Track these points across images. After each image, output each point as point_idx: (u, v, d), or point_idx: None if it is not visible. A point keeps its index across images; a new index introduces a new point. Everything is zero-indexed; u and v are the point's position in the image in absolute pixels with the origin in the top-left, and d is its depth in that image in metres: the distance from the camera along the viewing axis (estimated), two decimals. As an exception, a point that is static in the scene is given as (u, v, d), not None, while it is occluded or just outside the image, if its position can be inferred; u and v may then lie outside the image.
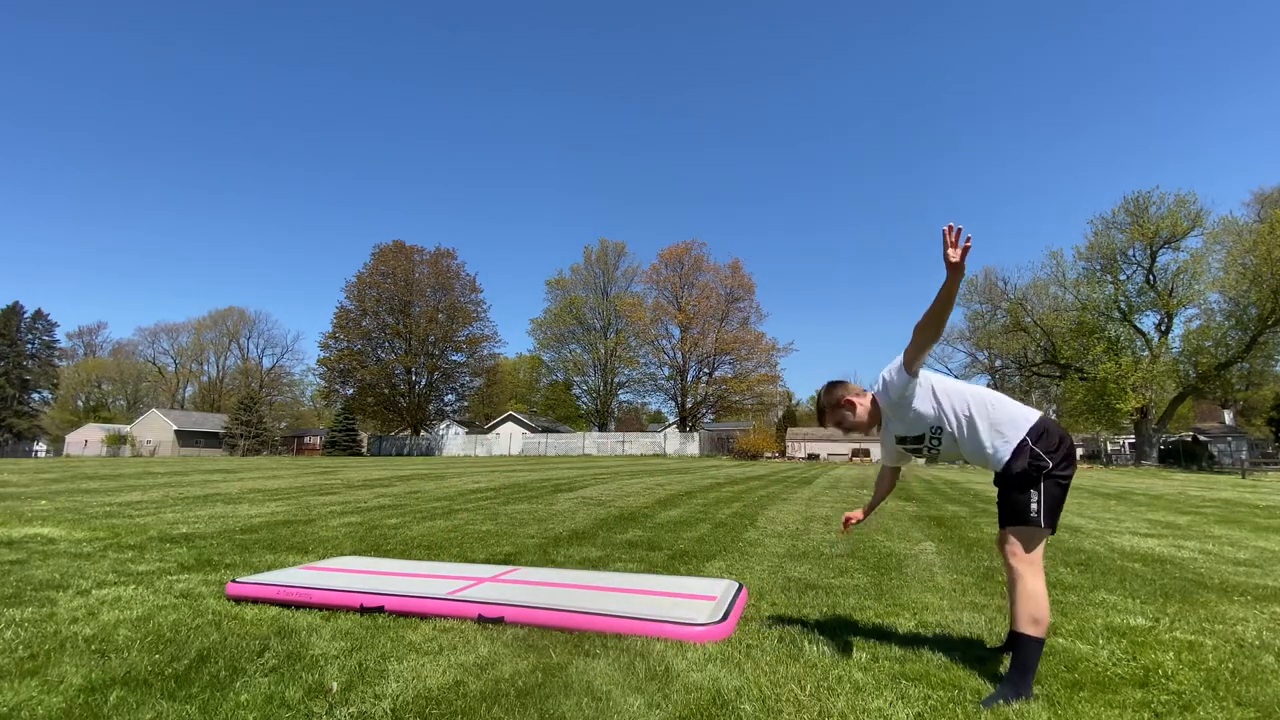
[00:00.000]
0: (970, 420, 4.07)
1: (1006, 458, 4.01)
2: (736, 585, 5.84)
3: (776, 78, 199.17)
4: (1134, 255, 61.30)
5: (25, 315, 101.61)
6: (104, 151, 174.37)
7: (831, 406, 4.44)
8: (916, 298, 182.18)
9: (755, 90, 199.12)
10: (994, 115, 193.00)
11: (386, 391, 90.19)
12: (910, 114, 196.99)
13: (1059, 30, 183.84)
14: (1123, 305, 61.49)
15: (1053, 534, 4.05)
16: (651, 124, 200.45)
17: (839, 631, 4.89)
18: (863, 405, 4.36)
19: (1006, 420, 4.07)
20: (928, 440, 4.25)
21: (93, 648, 4.40)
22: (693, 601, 5.27)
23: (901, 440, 4.38)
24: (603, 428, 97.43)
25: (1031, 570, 3.88)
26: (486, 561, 7.68)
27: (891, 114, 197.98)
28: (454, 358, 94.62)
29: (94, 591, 5.97)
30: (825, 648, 4.47)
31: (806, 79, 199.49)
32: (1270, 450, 68.14)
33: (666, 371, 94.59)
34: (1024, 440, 3.99)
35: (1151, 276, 60.17)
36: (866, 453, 72.79)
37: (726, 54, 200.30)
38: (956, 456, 4.29)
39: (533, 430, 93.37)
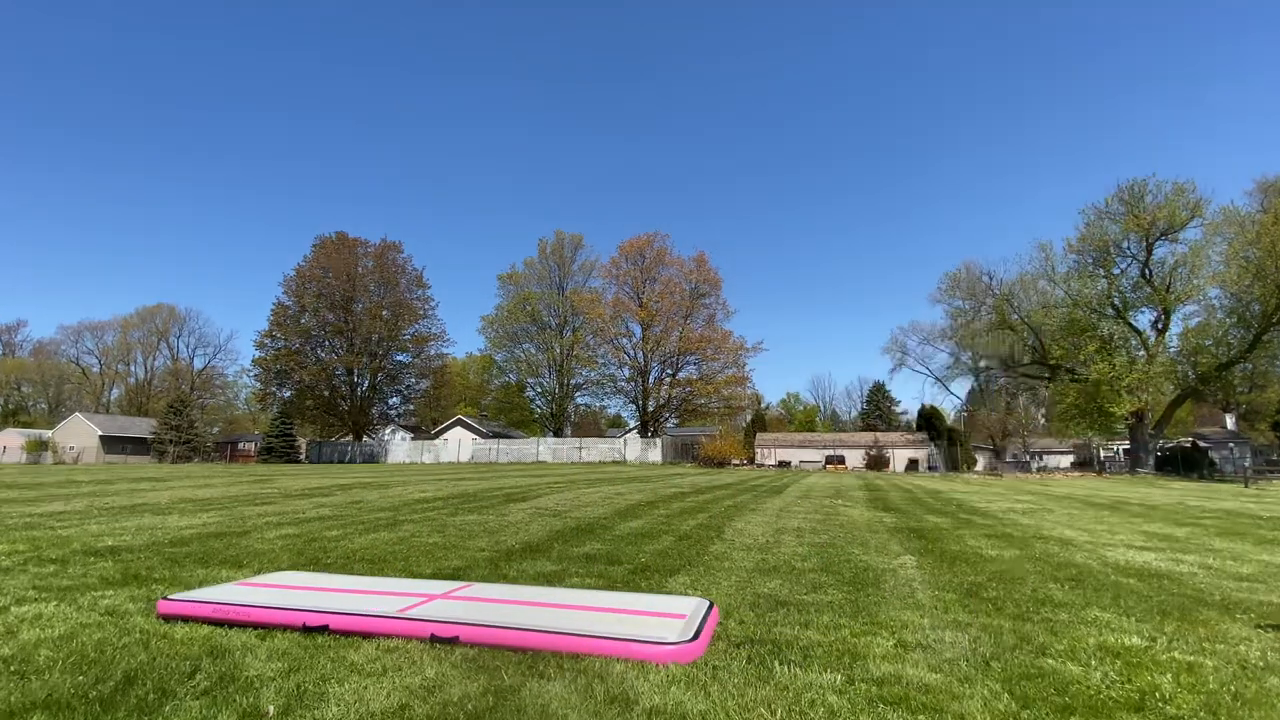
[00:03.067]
0: None
1: None
2: (707, 603, 5.85)
3: (744, 62, 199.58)
4: (1129, 248, 61.67)
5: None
6: (21, 136, 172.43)
7: None
8: (891, 294, 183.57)
9: (721, 75, 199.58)
10: (976, 97, 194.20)
11: (326, 394, 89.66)
12: (885, 96, 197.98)
13: (1048, 4, 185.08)
14: (1117, 301, 61.81)
15: None
16: (611, 109, 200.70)
17: (812, 652, 4.93)
18: None
19: None
20: None
21: (11, 669, 4.38)
22: (661, 620, 5.29)
23: None
24: (558, 433, 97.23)
25: None
26: (433, 576, 7.68)
27: (865, 97, 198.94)
28: (399, 358, 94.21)
29: (13, 609, 5.93)
30: (797, 669, 4.51)
31: (776, 62, 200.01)
32: (1275, 457, 68.57)
33: (627, 372, 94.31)
34: None
35: (1147, 270, 60.54)
36: (841, 460, 73.03)
37: (691, 36, 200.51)
38: None
39: (483, 435, 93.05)
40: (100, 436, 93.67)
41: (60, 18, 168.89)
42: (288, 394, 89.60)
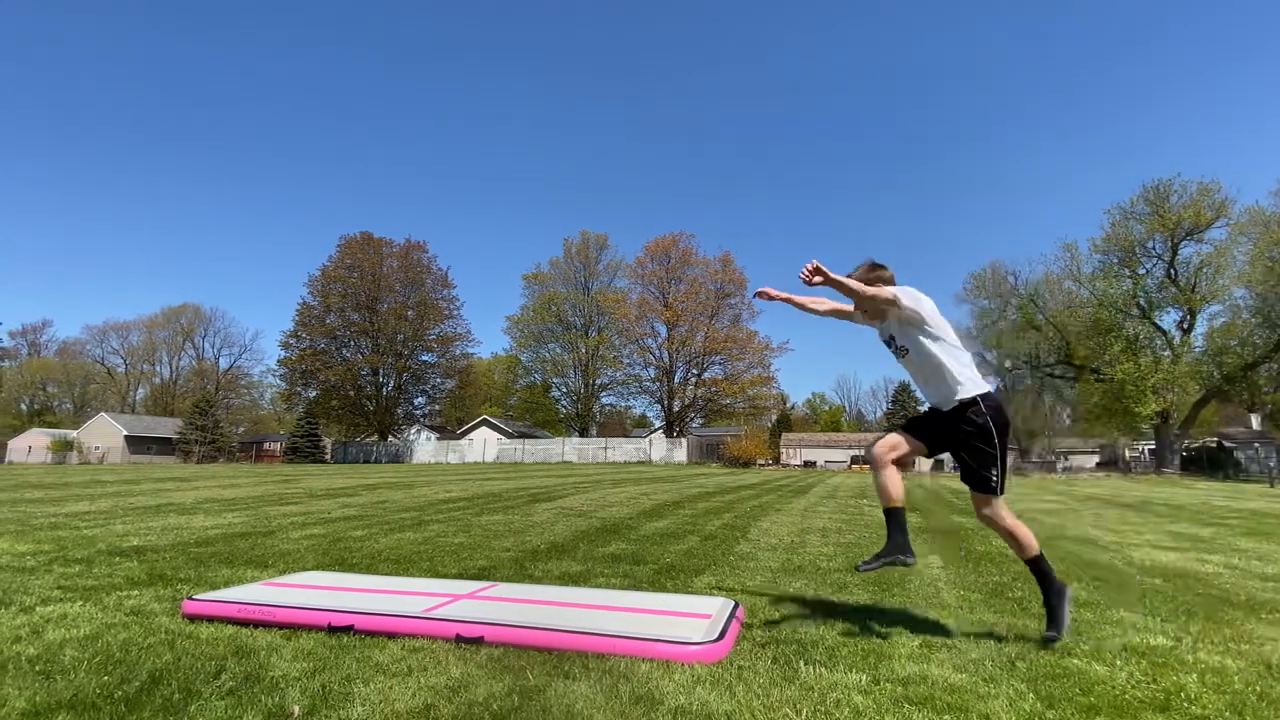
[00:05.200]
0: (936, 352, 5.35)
1: (961, 398, 5.29)
2: (732, 603, 5.84)
3: (769, 61, 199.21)
4: (1154, 248, 61.64)
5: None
6: (46, 136, 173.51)
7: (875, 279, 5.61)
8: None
9: (746, 74, 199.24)
10: (1003, 98, 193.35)
11: (352, 394, 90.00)
12: (913, 97, 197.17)
13: (1071, 6, 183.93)
14: (1142, 301, 61.71)
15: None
16: (636, 108, 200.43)
17: (837, 652, 4.90)
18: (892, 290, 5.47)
19: (973, 375, 5.27)
20: (896, 346, 5.65)
21: (37, 669, 4.39)
22: (686, 620, 5.28)
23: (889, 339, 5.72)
24: (583, 433, 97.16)
25: (1009, 513, 5.51)
26: (458, 576, 7.67)
27: (890, 95, 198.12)
28: (424, 358, 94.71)
29: (38, 609, 5.95)
30: (822, 669, 4.48)
31: (802, 61, 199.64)
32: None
33: (652, 372, 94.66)
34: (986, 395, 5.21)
35: (1173, 270, 60.47)
36: (866, 460, 72.84)
37: (715, 34, 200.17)
38: (918, 373, 5.53)
39: (509, 435, 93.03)
40: (125, 436, 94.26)
41: (83, 16, 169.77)
42: (313, 394, 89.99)
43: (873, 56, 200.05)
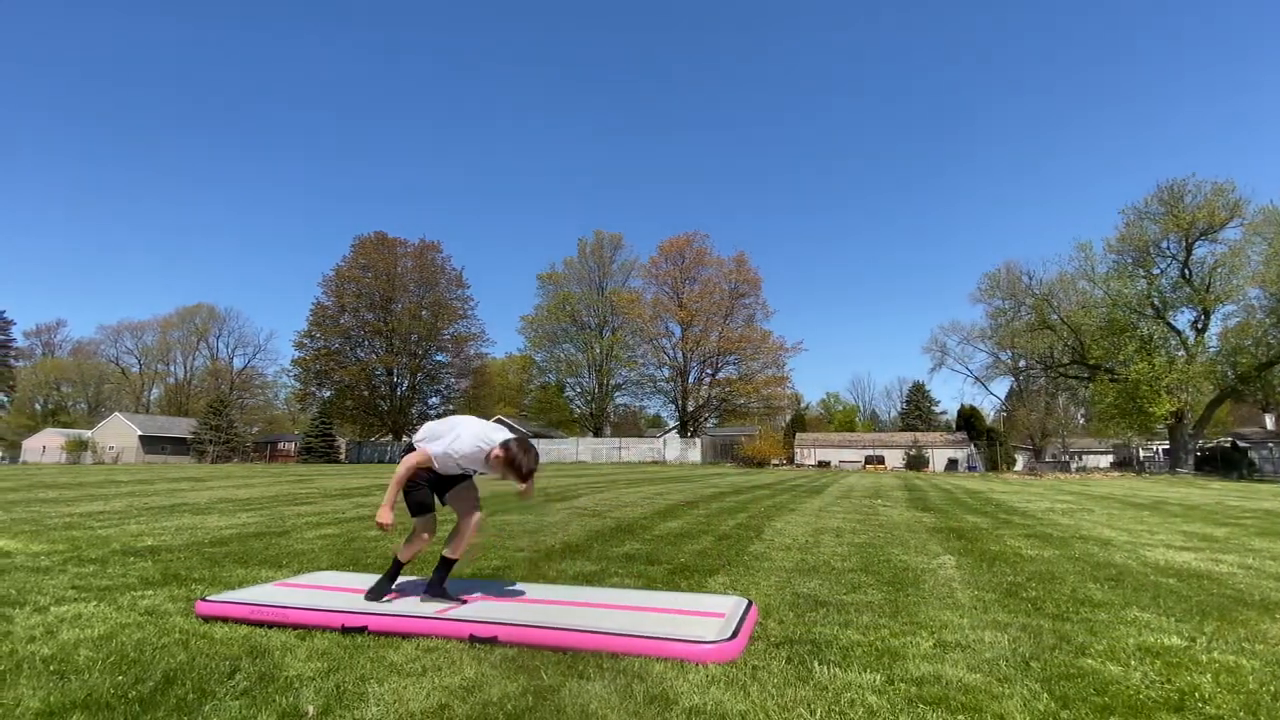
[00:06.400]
0: None
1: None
2: (745, 602, 5.82)
3: (780, 59, 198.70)
4: (1168, 248, 61.50)
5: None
6: (61, 136, 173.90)
7: None
8: (931, 294, 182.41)
9: (758, 73, 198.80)
10: (1016, 95, 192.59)
11: (366, 394, 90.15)
12: (926, 94, 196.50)
13: (1082, 5, 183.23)
14: (1156, 301, 61.53)
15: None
16: (650, 108, 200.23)
17: (851, 652, 4.88)
18: None
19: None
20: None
21: (51, 669, 4.40)
22: (700, 619, 5.26)
23: None
24: (598, 433, 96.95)
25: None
26: (473, 577, 7.67)
27: (904, 94, 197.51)
28: (438, 358, 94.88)
29: (52, 609, 5.97)
30: (836, 669, 4.46)
31: (814, 58, 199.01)
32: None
33: (666, 372, 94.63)
34: None
35: (1187, 270, 60.27)
36: (880, 460, 72.69)
37: (727, 33, 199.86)
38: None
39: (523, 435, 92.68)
40: (140, 436, 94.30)
41: (94, 16, 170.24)
42: (327, 394, 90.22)
43: (886, 56, 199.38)
